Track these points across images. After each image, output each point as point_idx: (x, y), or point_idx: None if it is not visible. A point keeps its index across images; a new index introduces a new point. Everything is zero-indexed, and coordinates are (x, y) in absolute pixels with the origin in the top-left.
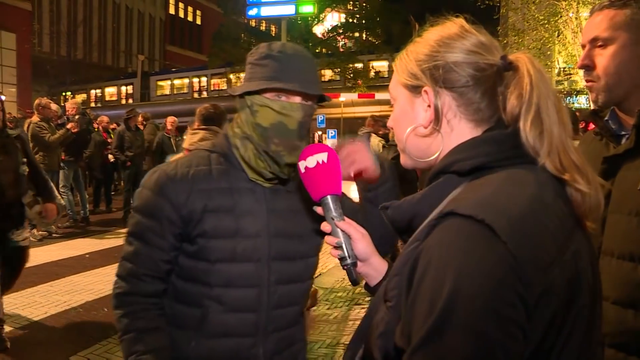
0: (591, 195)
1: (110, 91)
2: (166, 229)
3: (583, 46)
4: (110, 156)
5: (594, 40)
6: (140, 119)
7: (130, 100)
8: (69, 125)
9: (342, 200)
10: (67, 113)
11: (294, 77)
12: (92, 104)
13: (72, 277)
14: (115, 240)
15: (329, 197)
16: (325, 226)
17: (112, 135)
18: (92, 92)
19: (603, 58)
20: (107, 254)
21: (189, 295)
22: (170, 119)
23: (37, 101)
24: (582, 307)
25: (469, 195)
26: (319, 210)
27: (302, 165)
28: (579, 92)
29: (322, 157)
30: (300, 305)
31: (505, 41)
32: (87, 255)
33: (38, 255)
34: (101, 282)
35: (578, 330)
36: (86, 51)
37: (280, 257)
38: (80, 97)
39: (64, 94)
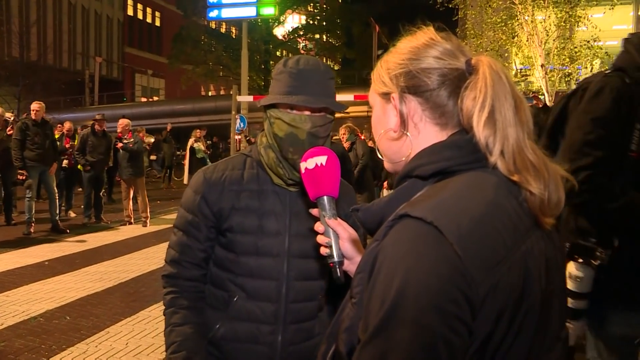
0: (545, 195)
1: None
2: (201, 222)
3: None
4: (65, 161)
5: None
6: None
7: None
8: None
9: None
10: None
11: (303, 90)
12: None
13: (31, 285)
14: (76, 246)
15: (324, 197)
16: (318, 226)
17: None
18: None
19: None
20: (68, 260)
21: (220, 280)
22: (120, 121)
23: None
24: (533, 305)
25: (425, 198)
26: (314, 211)
27: (302, 166)
28: (535, 93)
29: (321, 159)
30: (318, 302)
31: (464, 42)
32: (46, 263)
33: None
34: (62, 289)
35: (528, 326)
36: (40, 52)
37: (299, 254)
38: None
39: None
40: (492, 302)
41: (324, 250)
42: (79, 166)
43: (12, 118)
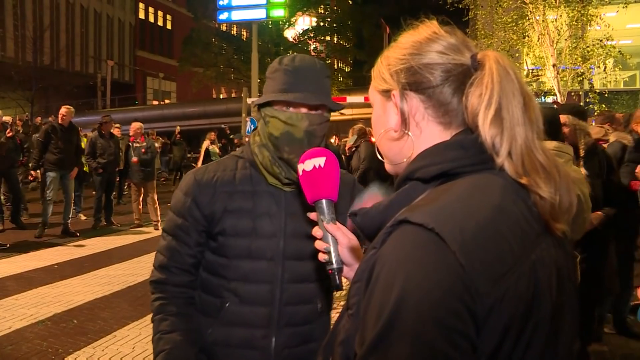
0: (556, 199)
1: None
2: (192, 226)
3: None
4: None
5: None
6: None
7: None
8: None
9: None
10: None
11: (299, 88)
12: None
13: (40, 288)
14: (85, 249)
15: (323, 201)
16: (316, 231)
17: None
18: None
19: None
20: (78, 263)
21: (211, 286)
22: (133, 125)
23: None
24: (543, 318)
25: (426, 202)
26: (312, 215)
27: (300, 168)
28: (546, 93)
29: (320, 161)
30: (315, 305)
31: (475, 43)
32: (55, 266)
33: (1, 268)
34: (71, 292)
35: (538, 340)
36: (53, 57)
37: (295, 256)
38: None
39: None
40: (498, 315)
41: (322, 257)
42: (85, 168)
43: (11, 120)
